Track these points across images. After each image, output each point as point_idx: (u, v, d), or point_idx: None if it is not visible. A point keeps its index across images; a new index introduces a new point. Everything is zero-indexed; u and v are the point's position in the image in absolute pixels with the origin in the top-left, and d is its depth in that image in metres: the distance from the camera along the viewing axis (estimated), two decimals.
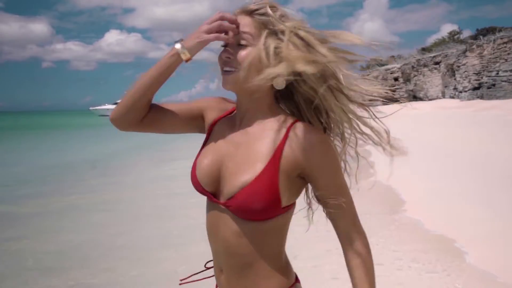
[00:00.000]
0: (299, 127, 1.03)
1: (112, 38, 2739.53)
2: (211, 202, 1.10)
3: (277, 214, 1.03)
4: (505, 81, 26.63)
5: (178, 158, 12.78)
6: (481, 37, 30.89)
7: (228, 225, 1.05)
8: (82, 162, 13.64)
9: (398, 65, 41.51)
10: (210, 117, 1.20)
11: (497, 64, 27.49)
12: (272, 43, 1.00)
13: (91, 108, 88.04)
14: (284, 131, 1.03)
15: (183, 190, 6.17)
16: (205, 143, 1.18)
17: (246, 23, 1.03)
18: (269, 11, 1.01)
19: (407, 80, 39.99)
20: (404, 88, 40.13)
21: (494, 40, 28.31)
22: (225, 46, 1.06)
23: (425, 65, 38.08)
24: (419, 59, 39.48)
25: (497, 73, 27.27)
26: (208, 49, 1.09)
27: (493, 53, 27.90)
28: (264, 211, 1.00)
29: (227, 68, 1.04)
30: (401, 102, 1.15)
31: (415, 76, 39.21)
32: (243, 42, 1.02)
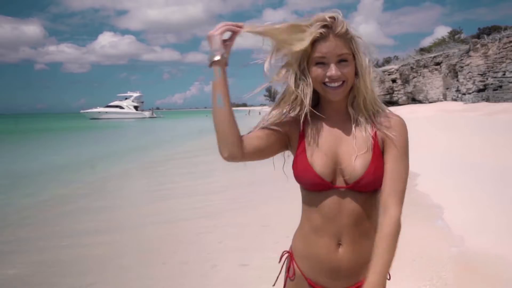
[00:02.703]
0: (380, 114, 1.42)
1: (106, 40, 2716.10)
2: (327, 191, 1.37)
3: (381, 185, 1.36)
4: None
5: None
6: (485, 36, 29.06)
7: (352, 202, 1.37)
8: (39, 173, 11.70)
9: (396, 66, 39.65)
10: (295, 127, 1.44)
11: (504, 64, 25.64)
12: (366, 59, 1.36)
13: (81, 111, 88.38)
14: (369, 118, 1.41)
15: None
16: (303, 146, 1.42)
17: (341, 45, 1.32)
18: (354, 33, 1.34)
19: (406, 81, 38.12)
20: (403, 90, 38.26)
21: (500, 39, 26.47)
22: (320, 63, 1.34)
23: (425, 66, 36.24)
24: (418, 60, 37.64)
25: (504, 74, 25.42)
26: (205, 52, 1.36)
27: (499, 53, 26.06)
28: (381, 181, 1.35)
29: (337, 84, 1.34)
30: None
31: (414, 77, 37.35)
32: (345, 59, 1.33)
